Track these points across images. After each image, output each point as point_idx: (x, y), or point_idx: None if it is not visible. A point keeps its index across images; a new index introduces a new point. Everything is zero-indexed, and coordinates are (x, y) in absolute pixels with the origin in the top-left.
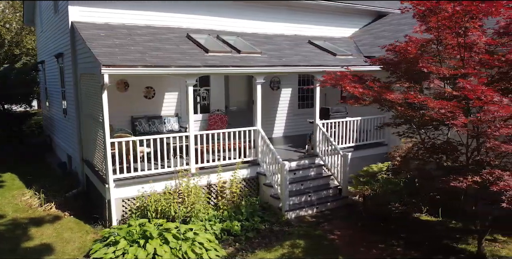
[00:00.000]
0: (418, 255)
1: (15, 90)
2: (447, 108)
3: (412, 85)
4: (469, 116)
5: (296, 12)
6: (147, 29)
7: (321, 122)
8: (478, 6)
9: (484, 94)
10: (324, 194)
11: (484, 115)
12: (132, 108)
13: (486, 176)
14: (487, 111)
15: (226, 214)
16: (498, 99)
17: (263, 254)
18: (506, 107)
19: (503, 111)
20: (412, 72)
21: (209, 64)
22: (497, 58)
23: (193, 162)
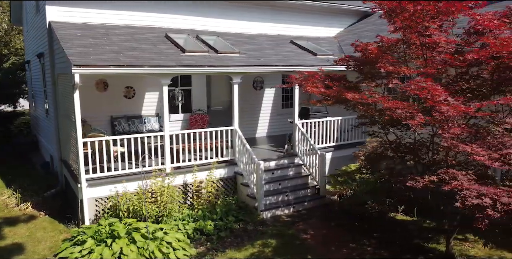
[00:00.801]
0: (387, 254)
1: (1, 90)
2: (403, 108)
3: (378, 85)
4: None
5: (281, 12)
6: (126, 29)
7: (300, 122)
8: (436, 6)
9: (431, 94)
10: (302, 193)
11: (438, 115)
12: (111, 108)
13: (442, 175)
14: (439, 111)
15: (201, 213)
16: (443, 99)
17: (233, 253)
18: (458, 107)
19: (454, 112)
20: (374, 72)
21: (183, 64)
22: (457, 58)
23: (168, 162)
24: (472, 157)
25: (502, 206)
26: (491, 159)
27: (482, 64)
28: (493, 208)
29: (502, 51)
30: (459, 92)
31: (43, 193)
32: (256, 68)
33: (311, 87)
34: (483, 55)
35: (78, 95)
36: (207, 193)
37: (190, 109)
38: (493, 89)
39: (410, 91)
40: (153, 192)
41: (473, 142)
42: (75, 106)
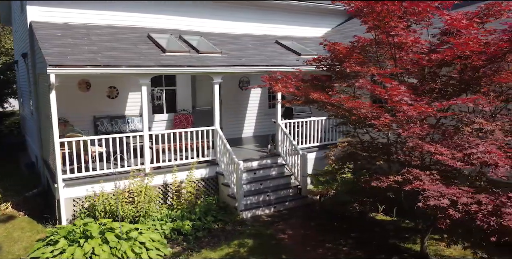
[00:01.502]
0: (362, 254)
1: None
2: (367, 108)
3: (349, 85)
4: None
5: (267, 12)
6: (108, 29)
7: (283, 122)
8: (401, 6)
9: (388, 94)
10: (284, 193)
11: (401, 116)
12: (94, 108)
13: (406, 175)
14: (400, 111)
15: (179, 213)
16: (399, 99)
17: (208, 253)
18: (418, 107)
19: (413, 111)
20: (345, 72)
21: (162, 64)
22: (425, 58)
23: (147, 162)
24: (435, 157)
25: (463, 206)
26: (454, 158)
27: (451, 64)
28: (454, 208)
29: (465, 50)
30: (425, 92)
31: (25, 193)
32: (237, 68)
33: (280, 87)
34: (447, 55)
35: (54, 95)
36: (187, 193)
37: (175, 109)
38: (461, 89)
39: (367, 90)
40: (131, 192)
41: (440, 142)
42: (51, 106)
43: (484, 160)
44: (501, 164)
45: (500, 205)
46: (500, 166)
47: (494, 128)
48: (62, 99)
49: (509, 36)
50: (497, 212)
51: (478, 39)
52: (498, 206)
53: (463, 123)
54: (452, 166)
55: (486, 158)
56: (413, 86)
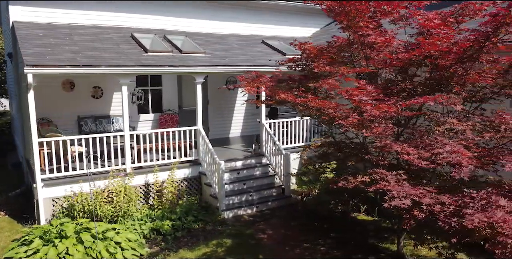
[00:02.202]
0: (339, 254)
1: None
2: (334, 108)
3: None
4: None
5: (255, 12)
6: (92, 29)
7: (267, 122)
8: (368, 6)
9: (349, 94)
10: (267, 193)
11: (367, 115)
12: (79, 108)
13: (374, 175)
14: (363, 111)
15: (159, 213)
16: (358, 99)
17: (185, 253)
18: (382, 107)
19: (376, 111)
20: (316, 72)
21: (143, 64)
22: (395, 57)
23: (128, 162)
24: (402, 156)
25: (427, 206)
26: (421, 158)
27: (421, 64)
28: (419, 208)
29: (431, 50)
30: (395, 92)
31: (8, 193)
32: (219, 68)
33: (250, 88)
34: (415, 54)
35: (32, 95)
36: (168, 193)
37: (161, 109)
38: (432, 89)
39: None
40: (110, 192)
41: (409, 142)
42: (30, 106)
43: (448, 160)
44: (465, 163)
45: (463, 205)
46: (464, 166)
47: (465, 128)
48: (45, 99)
49: (476, 35)
50: (459, 212)
51: (447, 39)
52: (461, 207)
53: (435, 123)
54: (417, 165)
55: (451, 158)
56: (383, 86)
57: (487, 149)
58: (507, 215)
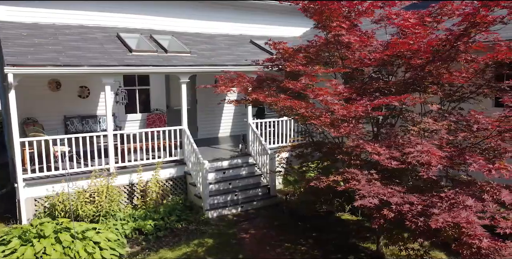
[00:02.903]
0: (319, 254)
1: None
2: (306, 107)
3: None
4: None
5: (244, 12)
6: (78, 29)
7: (254, 122)
8: (341, 5)
9: (315, 94)
10: (253, 193)
11: (337, 115)
12: (65, 108)
13: (345, 175)
14: (330, 110)
15: (142, 213)
16: (322, 99)
17: (165, 252)
18: (350, 107)
19: (343, 111)
20: (291, 72)
21: (126, 64)
22: (368, 57)
23: (112, 161)
24: (372, 156)
25: (396, 206)
26: (392, 158)
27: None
28: (389, 208)
29: (400, 49)
30: (368, 92)
31: None
32: (204, 68)
33: (224, 87)
34: (386, 54)
35: (13, 95)
36: (152, 193)
37: (149, 109)
38: (407, 89)
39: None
40: (92, 191)
41: (381, 141)
42: (10, 106)
43: (417, 159)
44: (434, 163)
45: (430, 205)
46: (433, 165)
47: (440, 128)
48: (31, 99)
49: (447, 35)
50: (426, 212)
51: (421, 38)
52: (428, 206)
53: (412, 123)
54: (387, 165)
55: (419, 157)
56: (359, 86)
57: (459, 149)
58: (472, 215)
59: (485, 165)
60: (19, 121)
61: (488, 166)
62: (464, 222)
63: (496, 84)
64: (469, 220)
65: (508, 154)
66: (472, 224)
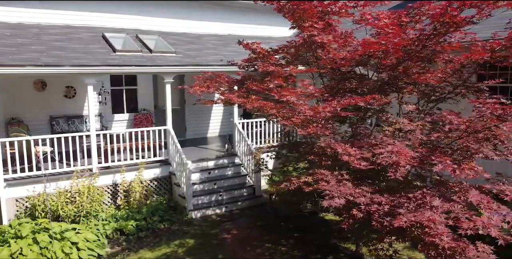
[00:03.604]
0: (299, 254)
1: None
2: (275, 108)
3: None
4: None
5: (233, 12)
6: (63, 29)
7: (240, 122)
8: (311, 5)
9: (280, 95)
10: (238, 193)
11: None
12: (51, 108)
13: (316, 176)
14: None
15: (124, 213)
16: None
17: (145, 253)
18: (316, 107)
19: (310, 112)
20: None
21: (109, 64)
22: (342, 57)
23: (95, 162)
24: (342, 157)
25: (365, 206)
26: (362, 159)
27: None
28: (358, 208)
29: (371, 49)
30: (341, 92)
31: None
32: (188, 68)
33: (197, 88)
34: (358, 54)
35: None
36: (135, 193)
37: (136, 109)
38: (380, 89)
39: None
40: (74, 192)
41: (352, 142)
42: None
43: (385, 160)
44: (403, 163)
45: (397, 205)
46: (401, 166)
47: (415, 128)
48: (16, 99)
49: (417, 35)
50: (393, 212)
51: (392, 38)
52: (395, 207)
53: (387, 123)
54: (355, 166)
55: (387, 158)
56: (330, 86)
57: (431, 149)
58: (436, 215)
59: (450, 165)
60: (4, 121)
61: (453, 166)
62: (425, 220)
63: (473, 84)
64: (431, 219)
65: (480, 155)
66: (434, 224)
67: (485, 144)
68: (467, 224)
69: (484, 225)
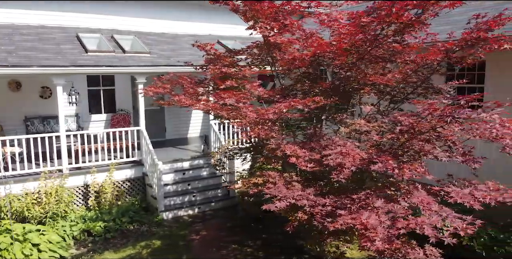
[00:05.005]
0: (263, 255)
1: None
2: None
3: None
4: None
5: (213, 12)
6: (37, 29)
7: (216, 122)
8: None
9: (219, 97)
10: (212, 194)
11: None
12: (26, 108)
13: (265, 177)
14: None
15: (93, 214)
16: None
17: (109, 254)
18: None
19: (251, 113)
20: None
21: (79, 64)
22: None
23: (65, 163)
24: (290, 159)
25: (310, 208)
26: (310, 160)
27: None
28: (303, 210)
29: (317, 50)
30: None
31: None
32: (161, 68)
33: (154, 88)
34: (308, 55)
35: None
36: (106, 194)
37: (114, 110)
38: (334, 90)
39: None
40: (41, 193)
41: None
42: None
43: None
44: (348, 165)
45: (340, 206)
46: (346, 167)
47: (371, 129)
48: None
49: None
50: (334, 213)
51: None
52: (337, 208)
53: (344, 124)
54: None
55: (335, 159)
56: (283, 87)
57: (382, 150)
58: (373, 217)
59: (391, 165)
60: None
61: (393, 165)
62: (358, 223)
63: (432, 85)
64: (363, 222)
65: (430, 156)
66: (366, 227)
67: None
68: (401, 223)
69: (418, 224)
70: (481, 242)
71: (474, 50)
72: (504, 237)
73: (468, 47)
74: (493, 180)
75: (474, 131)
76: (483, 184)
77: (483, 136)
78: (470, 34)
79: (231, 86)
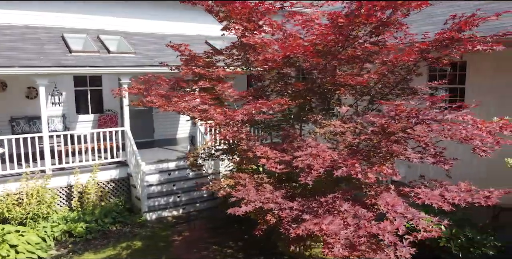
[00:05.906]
0: (242, 256)
1: None
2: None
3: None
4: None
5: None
6: (21, 29)
7: (202, 122)
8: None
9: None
10: (197, 194)
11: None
12: (12, 108)
13: (236, 179)
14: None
15: (75, 215)
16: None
17: (89, 255)
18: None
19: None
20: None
21: (62, 65)
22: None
23: (48, 163)
24: (260, 160)
25: (278, 211)
26: (281, 162)
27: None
28: (272, 213)
29: (287, 52)
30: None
31: None
32: (145, 68)
33: (129, 89)
34: (280, 56)
35: None
36: (89, 195)
37: (102, 110)
38: (308, 91)
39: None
40: (22, 193)
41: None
42: None
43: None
44: (317, 167)
45: (307, 210)
46: (315, 169)
47: (345, 130)
48: None
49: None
50: (300, 218)
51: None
52: (303, 212)
53: (319, 125)
54: (271, 169)
55: (299, 162)
56: (256, 88)
57: (354, 151)
58: (341, 221)
59: (354, 169)
60: None
61: (357, 170)
62: (317, 230)
63: (409, 86)
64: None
65: (401, 157)
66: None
67: (408, 147)
68: (363, 231)
69: (381, 229)
70: (458, 243)
71: (449, 51)
72: (481, 238)
73: (442, 48)
74: (472, 181)
75: (446, 132)
76: (455, 185)
77: (455, 137)
78: (442, 34)
79: (205, 87)
